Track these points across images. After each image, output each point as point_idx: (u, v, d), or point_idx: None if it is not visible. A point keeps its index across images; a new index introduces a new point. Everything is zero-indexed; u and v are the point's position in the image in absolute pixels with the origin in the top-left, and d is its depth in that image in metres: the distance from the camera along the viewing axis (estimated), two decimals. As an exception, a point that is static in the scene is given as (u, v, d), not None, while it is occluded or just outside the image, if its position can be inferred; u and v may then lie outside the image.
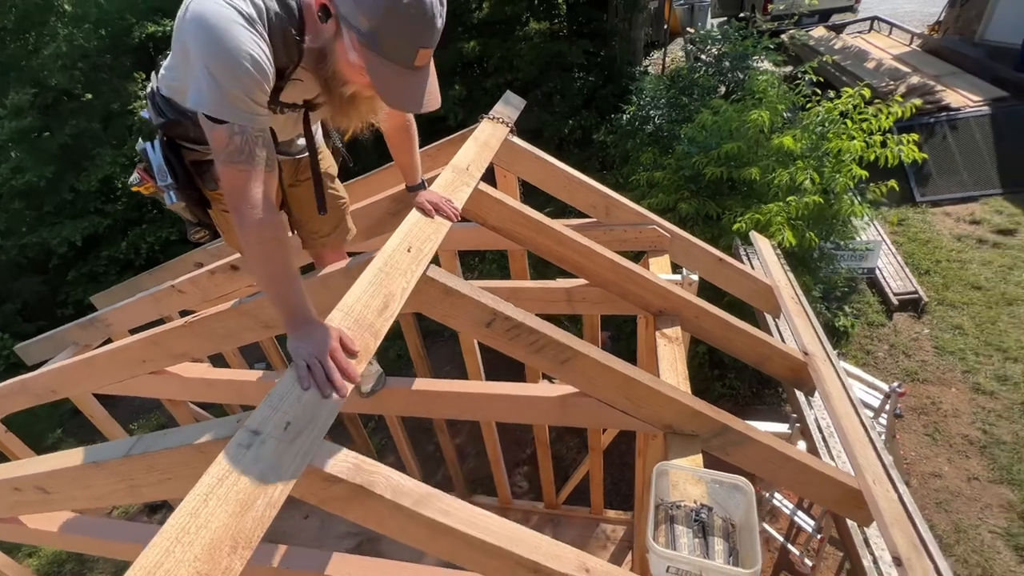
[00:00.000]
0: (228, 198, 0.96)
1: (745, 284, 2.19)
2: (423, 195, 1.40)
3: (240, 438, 0.73)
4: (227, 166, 0.94)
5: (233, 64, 0.89)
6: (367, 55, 0.93)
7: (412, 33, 0.91)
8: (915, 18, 10.44)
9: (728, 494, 1.19)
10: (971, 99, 6.54)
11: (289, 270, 0.99)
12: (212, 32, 0.88)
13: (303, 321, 0.94)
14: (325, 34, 0.97)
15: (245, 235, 0.96)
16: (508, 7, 8.46)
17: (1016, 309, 4.61)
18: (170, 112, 1.16)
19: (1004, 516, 3.32)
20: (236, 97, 0.91)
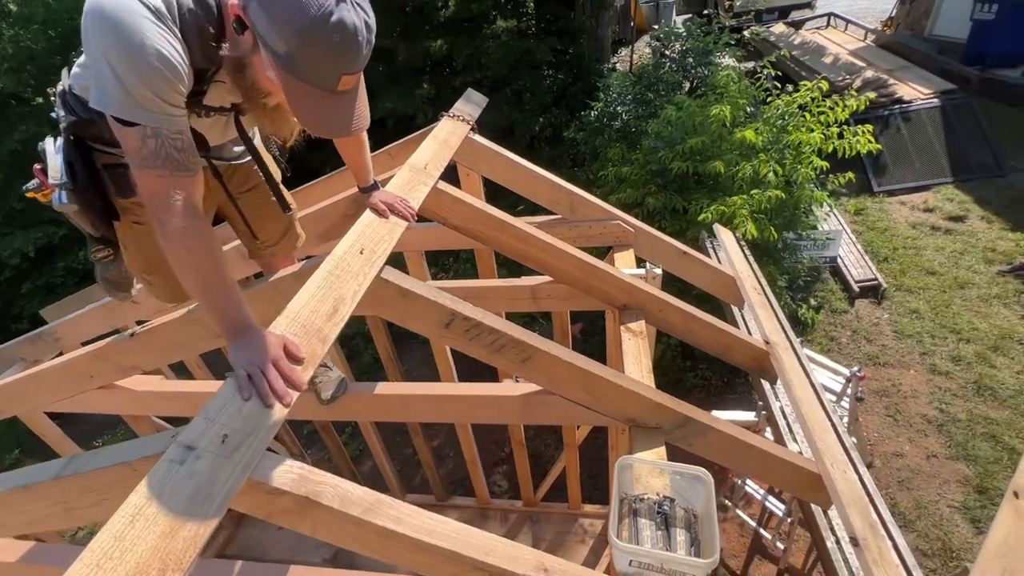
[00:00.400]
0: (148, 206, 0.90)
1: (709, 276, 2.22)
2: (377, 195, 1.36)
3: (172, 454, 0.70)
4: (142, 171, 0.88)
5: (139, 60, 0.82)
6: (284, 77, 0.85)
7: (333, 59, 0.83)
8: (869, 14, 10.83)
9: (689, 485, 1.20)
10: (922, 92, 6.81)
11: (223, 278, 0.94)
12: (113, 26, 0.80)
13: (243, 329, 0.90)
14: (243, 45, 0.90)
15: (171, 245, 0.90)
16: (475, 5, 8.41)
17: (967, 292, 4.82)
18: (82, 111, 1.06)
19: (961, 491, 3.47)
20: (145, 97, 0.84)
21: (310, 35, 0.79)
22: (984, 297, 4.74)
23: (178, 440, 0.71)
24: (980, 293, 4.79)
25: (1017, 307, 4.60)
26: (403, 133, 2.30)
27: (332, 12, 0.78)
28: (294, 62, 0.83)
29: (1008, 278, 4.85)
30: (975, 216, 5.66)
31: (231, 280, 0.96)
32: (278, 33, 0.81)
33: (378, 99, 7.95)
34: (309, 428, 5.25)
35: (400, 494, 3.72)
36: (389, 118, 8.08)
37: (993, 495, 3.37)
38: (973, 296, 4.78)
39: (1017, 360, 4.17)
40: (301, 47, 0.81)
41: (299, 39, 0.80)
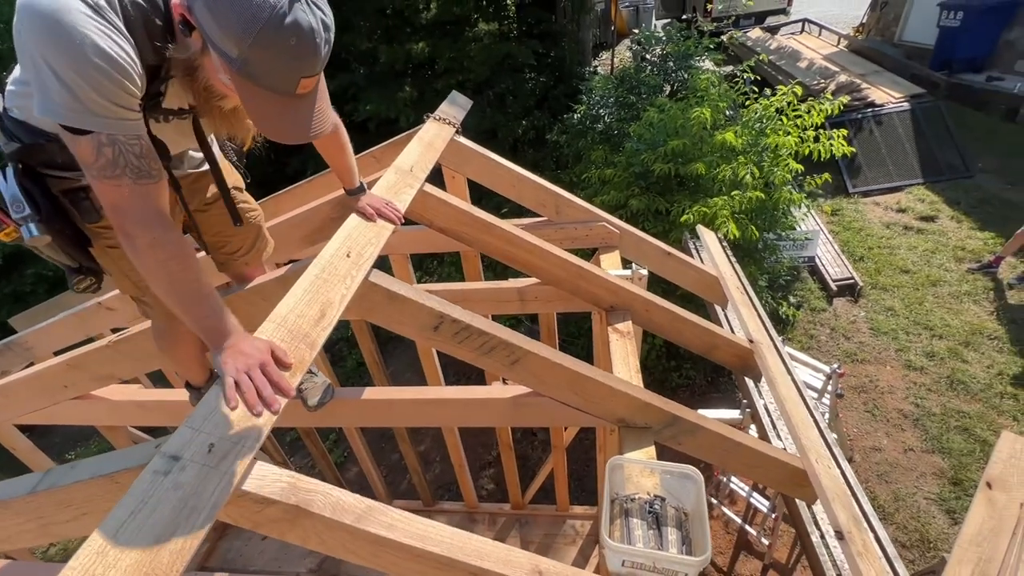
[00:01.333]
0: (112, 219, 0.85)
1: (692, 276, 2.25)
2: (364, 199, 1.34)
3: (156, 465, 0.68)
4: (102, 182, 0.82)
5: (83, 62, 0.75)
6: (238, 82, 0.80)
7: (290, 63, 0.79)
8: (841, 20, 11.12)
9: (679, 483, 1.21)
10: (893, 96, 7.02)
11: (200, 287, 0.91)
12: (50, 25, 0.73)
13: (226, 336, 0.88)
14: (191, 46, 0.84)
15: (141, 259, 0.86)
16: (456, 8, 8.41)
17: (939, 290, 4.98)
18: (26, 135, 0.97)
19: (937, 483, 3.57)
20: (94, 101, 0.77)
21: (264, 39, 0.74)
22: (955, 294, 4.90)
23: (162, 450, 0.69)
24: (951, 290, 4.94)
25: (986, 303, 4.76)
26: (385, 135, 2.29)
27: (286, 13, 0.74)
28: (249, 66, 0.78)
29: (977, 276, 5.01)
30: (945, 216, 5.84)
31: (209, 287, 0.93)
32: (229, 37, 0.75)
33: (360, 101, 7.89)
34: (292, 435, 5.16)
35: (387, 500, 3.67)
36: (371, 120, 8.02)
37: (967, 486, 3.47)
38: (945, 293, 4.93)
39: (987, 355, 4.31)
40: (255, 51, 0.76)
41: (252, 43, 0.75)
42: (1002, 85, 7.03)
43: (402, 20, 8.37)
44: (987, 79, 7.23)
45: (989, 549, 1.19)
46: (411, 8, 8.38)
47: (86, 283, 1.21)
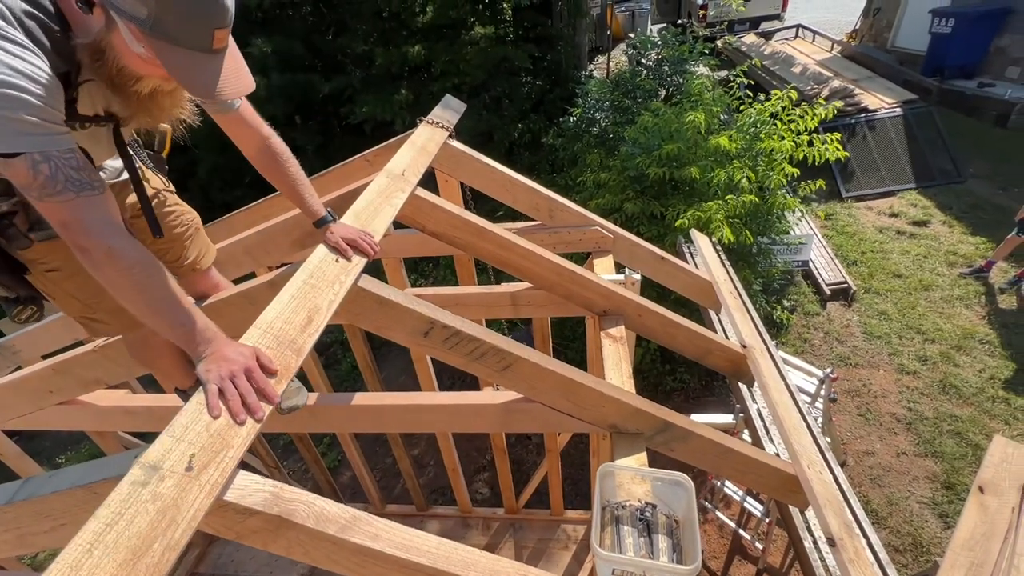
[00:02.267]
0: (65, 237, 0.82)
1: (686, 281, 2.25)
2: (335, 230, 1.20)
3: (134, 475, 0.66)
4: (45, 202, 0.79)
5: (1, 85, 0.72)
6: (154, 43, 0.78)
7: (200, 14, 0.78)
8: (834, 26, 11.22)
9: (671, 490, 1.20)
10: (886, 101, 7.08)
11: (170, 292, 0.88)
12: None
13: (208, 341, 0.86)
14: (93, 26, 0.81)
15: (103, 273, 0.83)
16: (453, 11, 8.41)
17: (931, 294, 5.00)
18: None
19: (929, 487, 3.58)
20: (19, 121, 0.75)
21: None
22: (947, 298, 4.92)
23: (141, 460, 0.68)
24: (944, 295, 4.97)
25: (978, 308, 4.79)
26: (381, 138, 2.27)
27: None
28: (162, 23, 0.76)
29: (969, 280, 5.05)
30: (937, 221, 5.88)
31: (179, 292, 0.90)
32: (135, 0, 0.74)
33: (356, 104, 7.88)
34: (285, 439, 5.12)
35: (380, 505, 3.65)
36: (367, 123, 8.01)
37: (959, 490, 3.48)
38: (937, 298, 4.96)
39: (979, 359, 4.33)
40: (164, 5, 0.75)
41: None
42: (993, 91, 7.10)
43: (398, 23, 8.37)
44: (978, 85, 7.30)
45: (981, 553, 1.19)
46: (407, 11, 8.39)
47: (27, 312, 1.16)
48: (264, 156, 1.23)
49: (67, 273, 1.11)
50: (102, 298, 1.16)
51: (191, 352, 0.87)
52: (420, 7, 8.62)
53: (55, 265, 1.09)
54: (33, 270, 1.10)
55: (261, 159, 1.23)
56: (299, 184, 1.29)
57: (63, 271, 1.10)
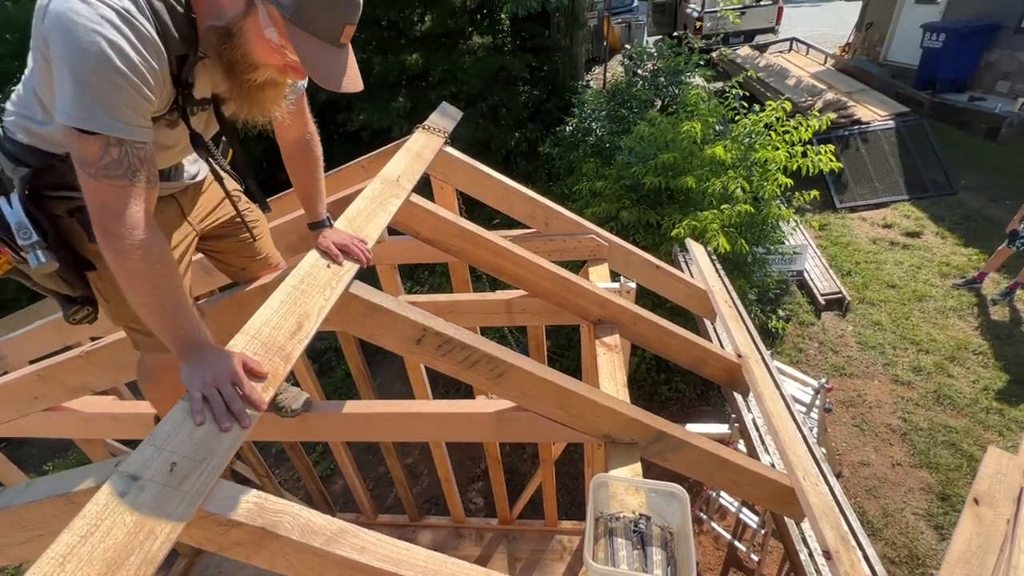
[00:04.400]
0: (99, 218, 0.83)
1: (681, 290, 2.25)
2: (328, 234, 1.21)
3: (114, 484, 0.64)
4: (99, 180, 0.81)
5: (106, 69, 0.77)
6: (292, 30, 0.83)
7: (337, 5, 0.84)
8: (827, 39, 11.38)
9: (665, 502, 1.19)
10: (879, 114, 7.16)
11: (181, 295, 0.89)
12: (79, 34, 0.74)
13: (197, 347, 0.85)
14: (230, 10, 0.86)
15: (126, 260, 0.83)
16: (451, 21, 8.48)
17: (925, 305, 5.03)
18: (35, 159, 0.97)
19: (925, 498, 3.56)
20: (112, 106, 0.79)
21: None
22: (941, 309, 4.95)
23: (120, 469, 0.66)
24: (937, 305, 4.99)
25: (971, 319, 4.81)
26: (378, 145, 2.27)
27: None
28: (303, 10, 0.81)
29: (962, 291, 5.08)
30: (930, 232, 5.93)
31: (187, 297, 0.92)
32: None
33: (353, 111, 7.90)
34: (277, 448, 5.06)
35: (372, 514, 3.60)
36: (364, 131, 8.02)
37: (955, 502, 3.47)
38: (931, 308, 4.98)
39: (972, 370, 4.34)
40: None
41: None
42: (984, 105, 7.20)
43: (397, 32, 8.43)
44: (969, 99, 7.40)
45: (977, 566, 1.17)
46: (406, 20, 8.45)
47: (83, 313, 1.17)
48: (300, 146, 1.26)
49: None
50: None
51: (180, 355, 0.85)
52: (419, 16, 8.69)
53: None
54: (99, 266, 1.10)
55: (296, 148, 1.26)
56: (317, 184, 1.32)
57: None
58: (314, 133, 1.26)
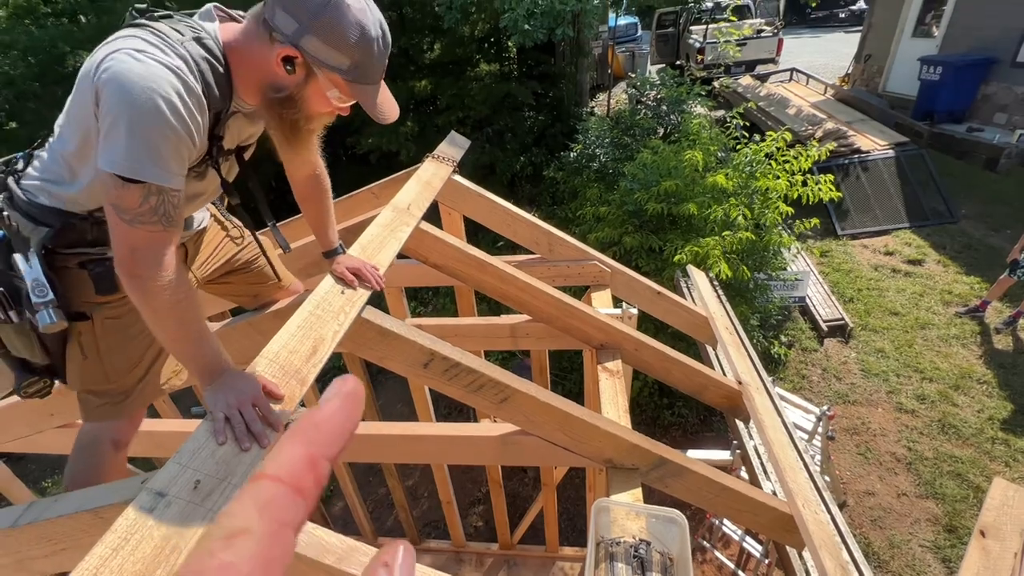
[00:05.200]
0: (127, 261, 0.87)
1: (683, 316, 2.29)
2: (342, 260, 1.27)
3: (142, 501, 0.68)
4: (135, 226, 0.86)
5: (159, 123, 0.83)
6: (354, 88, 0.96)
7: (380, 55, 0.96)
8: (827, 70, 11.63)
9: (665, 528, 1.21)
10: (878, 143, 7.28)
11: (203, 326, 0.95)
12: (133, 91, 0.81)
13: (219, 371, 0.90)
14: (290, 83, 0.95)
15: (153, 300, 0.88)
16: (459, 49, 8.75)
17: (928, 333, 5.03)
18: (55, 219, 1.02)
19: (932, 530, 3.52)
20: (160, 157, 0.85)
21: (366, 42, 0.92)
22: (944, 337, 4.95)
23: (147, 486, 0.70)
24: (940, 333, 5.00)
25: (974, 347, 4.81)
26: (386, 168, 2.36)
27: (366, 13, 0.92)
28: (359, 70, 0.94)
29: (965, 319, 5.08)
30: (931, 260, 5.96)
31: (208, 327, 0.96)
32: (342, 53, 0.91)
33: (362, 135, 8.09)
34: (278, 467, 5.04)
35: (372, 537, 3.57)
36: (372, 153, 8.20)
37: (962, 534, 3.43)
38: (933, 336, 4.98)
39: (977, 399, 4.32)
40: (364, 55, 0.93)
41: (361, 49, 0.92)
42: (982, 136, 7.32)
43: (407, 58, 8.67)
44: (967, 130, 7.52)
45: (982, 602, 1.17)
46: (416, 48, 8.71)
47: (39, 385, 1.16)
48: (312, 183, 1.32)
49: (127, 323, 1.15)
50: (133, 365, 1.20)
51: (203, 381, 0.90)
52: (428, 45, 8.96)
53: (121, 313, 1.13)
54: (95, 315, 1.11)
55: (309, 186, 1.32)
56: (327, 215, 1.38)
57: (125, 319, 1.14)
58: (322, 167, 1.33)
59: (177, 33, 0.90)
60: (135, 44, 0.84)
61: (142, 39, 0.86)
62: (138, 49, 0.83)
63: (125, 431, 1.25)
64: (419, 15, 8.56)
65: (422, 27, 8.63)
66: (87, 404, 1.20)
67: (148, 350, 1.23)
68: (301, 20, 0.88)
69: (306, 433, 0.23)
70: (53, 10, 9.08)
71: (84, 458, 1.22)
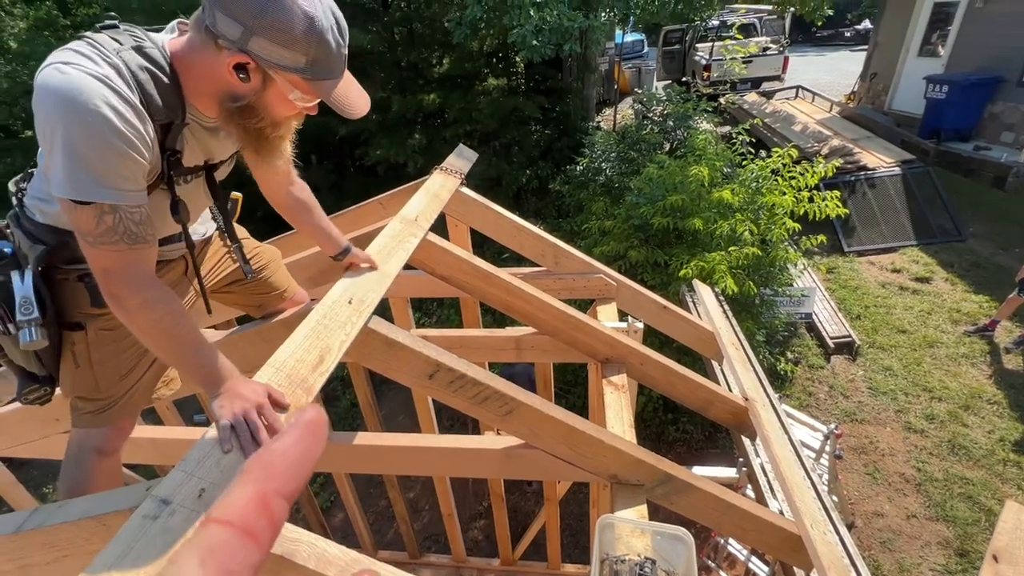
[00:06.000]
0: (103, 282, 0.87)
1: (688, 331, 2.27)
2: (358, 254, 1.33)
3: (146, 508, 0.68)
4: (98, 247, 0.85)
5: (97, 139, 0.79)
6: (315, 85, 0.91)
7: (337, 44, 0.89)
8: (833, 88, 11.69)
9: (670, 545, 1.19)
10: (885, 160, 7.28)
11: (195, 337, 0.93)
12: (66, 103, 0.77)
13: (223, 379, 0.90)
14: (247, 91, 0.91)
15: (135, 320, 0.88)
16: (468, 64, 8.88)
17: (936, 351, 4.98)
18: (50, 236, 1.00)
19: (942, 553, 3.44)
20: (102, 175, 0.81)
21: (317, 36, 0.85)
22: (953, 356, 4.89)
23: (152, 493, 0.70)
24: (949, 352, 4.94)
25: (984, 367, 4.75)
26: (393, 179, 2.38)
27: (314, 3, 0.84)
28: (317, 65, 0.88)
29: (974, 338, 5.03)
30: (939, 278, 5.92)
31: (203, 337, 0.95)
32: (296, 51, 0.85)
33: (371, 147, 8.18)
34: (279, 476, 5.01)
35: (372, 550, 3.54)
36: (380, 165, 8.28)
37: (974, 558, 3.35)
38: (942, 355, 4.93)
39: (987, 420, 4.26)
40: (319, 49, 0.86)
41: (314, 43, 0.85)
42: (989, 155, 7.31)
43: (416, 72, 8.81)
44: (974, 148, 7.52)
45: (995, 629, 1.14)
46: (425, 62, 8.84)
47: (39, 393, 1.16)
48: (291, 197, 1.31)
49: (119, 334, 1.14)
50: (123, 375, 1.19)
51: (207, 389, 0.90)
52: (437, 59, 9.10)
53: (115, 324, 1.11)
54: (89, 325, 1.11)
55: (289, 200, 1.31)
56: (323, 224, 1.37)
57: (119, 331, 1.13)
58: (295, 176, 1.30)
59: (115, 43, 0.85)
60: (65, 56, 0.80)
61: (74, 51, 0.81)
62: (65, 61, 0.79)
63: (110, 439, 1.23)
64: (428, 30, 8.71)
65: (431, 42, 8.77)
66: (75, 411, 1.20)
67: (140, 361, 1.22)
68: (244, 22, 0.81)
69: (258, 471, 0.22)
70: (71, 22, 9.31)
71: (72, 467, 1.22)
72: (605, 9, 7.11)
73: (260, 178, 1.26)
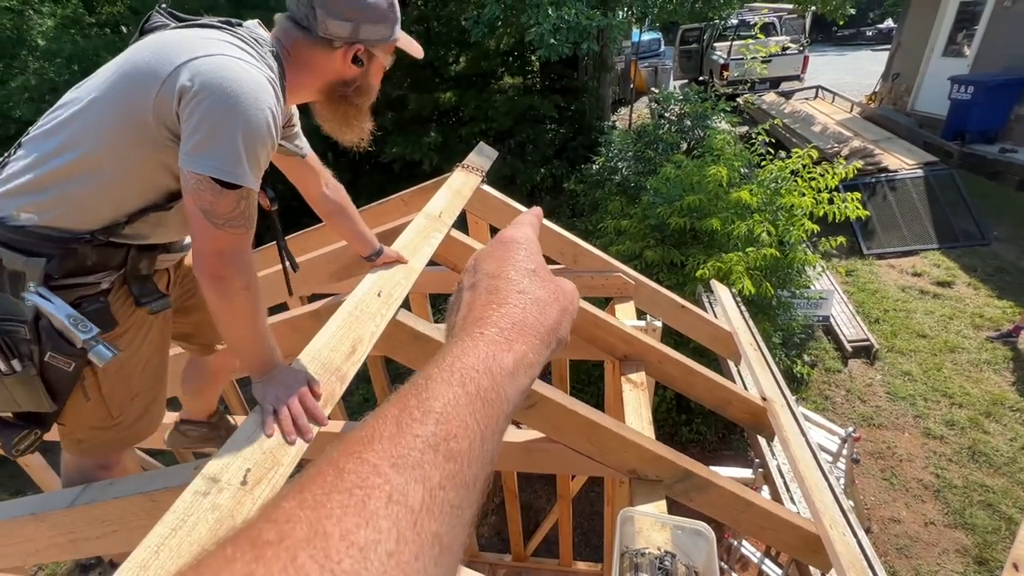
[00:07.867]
0: (211, 264, 0.87)
1: (706, 331, 2.28)
2: (389, 254, 1.39)
3: (197, 485, 0.71)
4: (223, 229, 0.86)
5: (264, 134, 0.87)
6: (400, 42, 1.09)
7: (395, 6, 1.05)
8: (854, 88, 11.50)
9: (691, 540, 1.20)
10: (906, 162, 7.16)
11: (266, 326, 0.98)
12: (244, 97, 0.83)
13: (272, 366, 0.94)
14: (360, 73, 1.06)
15: (235, 298, 0.89)
16: (484, 62, 8.91)
17: (957, 356, 4.89)
18: (54, 247, 0.87)
19: (960, 561, 3.39)
20: (255, 163, 0.87)
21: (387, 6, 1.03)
22: (974, 362, 4.81)
23: (203, 472, 0.73)
24: (970, 358, 4.85)
25: (1007, 373, 4.66)
26: (408, 177, 2.42)
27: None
28: (397, 25, 1.06)
29: (996, 344, 4.93)
30: (961, 282, 5.81)
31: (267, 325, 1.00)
32: (385, 23, 1.03)
33: (387, 144, 8.25)
34: (294, 468, 5.10)
35: (386, 542, 3.58)
36: (395, 162, 8.35)
37: (993, 567, 3.30)
38: (963, 361, 4.84)
39: (1009, 427, 4.18)
40: (393, 12, 1.04)
41: (392, 10, 1.03)
42: (1015, 157, 7.14)
43: (432, 71, 8.86)
44: (1000, 151, 7.35)
45: (1015, 635, 1.14)
46: (441, 61, 8.89)
47: (29, 440, 0.97)
48: (331, 199, 1.36)
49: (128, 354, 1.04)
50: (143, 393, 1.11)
51: (255, 373, 0.93)
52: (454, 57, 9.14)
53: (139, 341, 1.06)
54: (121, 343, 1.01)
55: (329, 203, 1.36)
56: (359, 225, 1.41)
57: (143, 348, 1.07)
58: (330, 177, 1.35)
59: (259, 44, 0.93)
60: (230, 50, 0.86)
61: (240, 47, 0.88)
62: (238, 57, 0.86)
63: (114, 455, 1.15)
64: (445, 29, 8.76)
65: (448, 40, 8.82)
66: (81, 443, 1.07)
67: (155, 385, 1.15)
68: (352, 18, 0.98)
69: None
70: (97, 21, 9.53)
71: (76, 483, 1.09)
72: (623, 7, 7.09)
73: (298, 180, 1.30)
